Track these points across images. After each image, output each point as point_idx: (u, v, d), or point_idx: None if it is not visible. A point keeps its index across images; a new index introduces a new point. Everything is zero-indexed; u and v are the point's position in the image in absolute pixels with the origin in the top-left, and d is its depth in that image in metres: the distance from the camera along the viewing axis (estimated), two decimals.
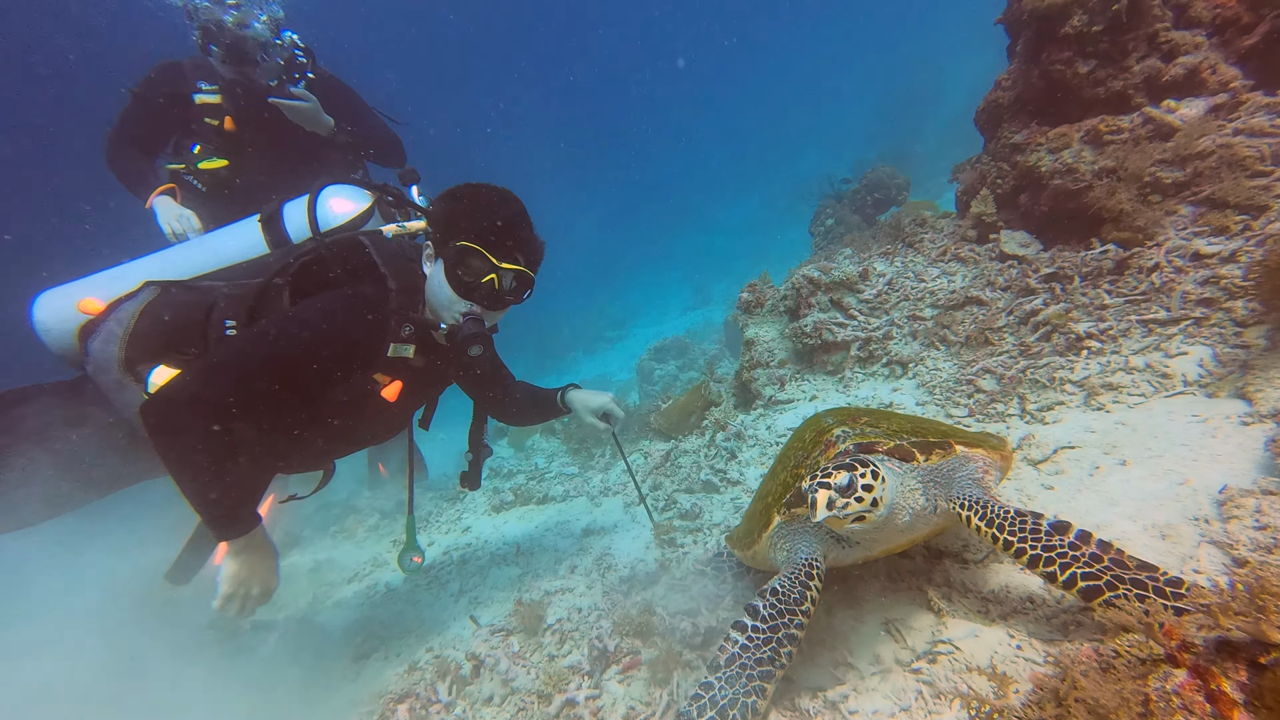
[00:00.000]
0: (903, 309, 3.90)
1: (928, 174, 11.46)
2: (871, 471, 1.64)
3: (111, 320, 2.24)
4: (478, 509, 4.60)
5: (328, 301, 2.15)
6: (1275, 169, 3.01)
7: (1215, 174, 3.11)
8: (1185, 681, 1.06)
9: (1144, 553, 1.77)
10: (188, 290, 2.32)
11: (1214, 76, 3.46)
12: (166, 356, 2.18)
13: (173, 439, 1.91)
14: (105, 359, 2.19)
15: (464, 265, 2.16)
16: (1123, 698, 1.02)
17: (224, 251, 2.45)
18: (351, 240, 2.30)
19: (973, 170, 4.36)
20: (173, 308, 2.26)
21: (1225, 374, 2.52)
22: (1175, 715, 1.03)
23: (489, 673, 2.26)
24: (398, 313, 2.21)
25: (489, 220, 2.17)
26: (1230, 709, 0.99)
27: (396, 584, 3.49)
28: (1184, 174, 3.20)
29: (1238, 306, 2.69)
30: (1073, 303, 3.17)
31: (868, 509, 1.62)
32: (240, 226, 2.51)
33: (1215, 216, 3.04)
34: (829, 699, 1.76)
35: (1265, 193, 2.96)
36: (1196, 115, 3.36)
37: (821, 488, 1.61)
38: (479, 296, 2.19)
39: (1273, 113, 3.15)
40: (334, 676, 2.61)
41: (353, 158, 4.07)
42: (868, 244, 4.91)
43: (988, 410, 3.00)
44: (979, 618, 1.86)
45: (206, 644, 3.00)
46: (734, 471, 3.54)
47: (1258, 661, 1.00)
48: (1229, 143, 3.10)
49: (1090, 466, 2.40)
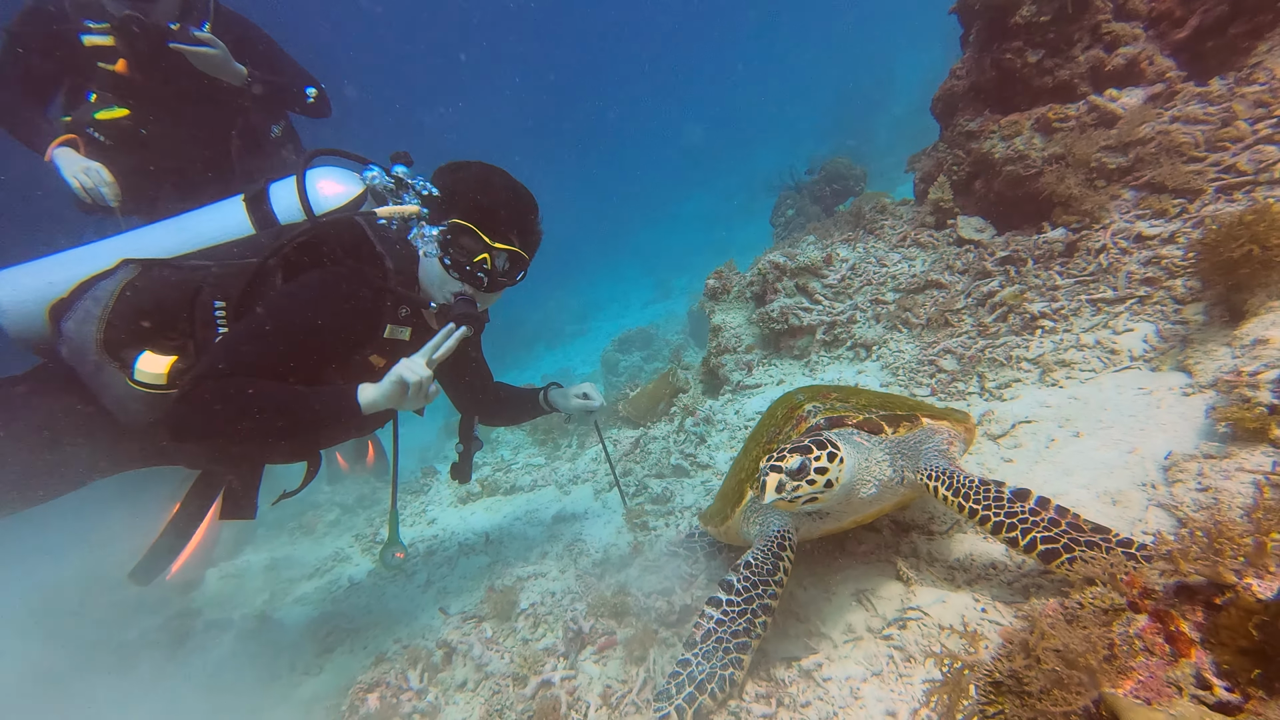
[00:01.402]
0: (866, 293, 3.98)
1: (879, 170, 11.75)
2: (829, 454, 1.66)
3: (87, 299, 2.08)
4: (443, 501, 4.51)
5: (330, 274, 2.08)
6: (1208, 155, 3.17)
7: (1155, 159, 3.26)
8: (1146, 625, 1.10)
9: (1097, 517, 1.84)
10: (172, 269, 2.18)
11: (1151, 67, 3.63)
12: (150, 340, 2.06)
13: (235, 408, 1.84)
14: (82, 340, 2.04)
15: (456, 245, 2.13)
16: (1090, 642, 1.06)
17: (205, 231, 2.31)
18: (347, 221, 2.22)
19: (930, 158, 4.47)
20: (157, 287, 2.12)
21: (1167, 349, 2.64)
22: (1138, 656, 1.07)
23: (461, 659, 2.21)
24: (394, 293, 2.17)
25: (482, 198, 2.14)
26: (1188, 647, 1.04)
27: (360, 578, 3.39)
28: (1127, 160, 3.35)
29: (1177, 285, 2.83)
30: (1027, 284, 3.28)
31: (820, 490, 1.65)
32: (222, 206, 2.37)
33: (1155, 200, 3.19)
34: (803, 668, 1.79)
35: (1200, 177, 3.12)
36: (1136, 104, 3.51)
37: (773, 471, 1.64)
38: (472, 277, 2.15)
39: (1205, 101, 3.32)
40: (296, 672, 2.52)
41: (269, 109, 3.73)
42: (830, 231, 4.99)
43: (949, 389, 3.08)
44: (946, 585, 1.92)
45: (155, 645, 2.87)
46: (704, 455, 3.55)
47: (1213, 602, 1.05)
48: (1167, 129, 3.26)
49: (1046, 439, 2.49)
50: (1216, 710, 0.96)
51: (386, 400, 1.93)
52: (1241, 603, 0.99)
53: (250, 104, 3.58)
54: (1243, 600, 1.00)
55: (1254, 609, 0.97)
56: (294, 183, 2.26)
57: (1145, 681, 1.04)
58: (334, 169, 2.38)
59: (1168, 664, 1.04)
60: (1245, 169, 3.01)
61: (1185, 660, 1.03)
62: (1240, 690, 0.96)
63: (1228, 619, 1.01)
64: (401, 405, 1.97)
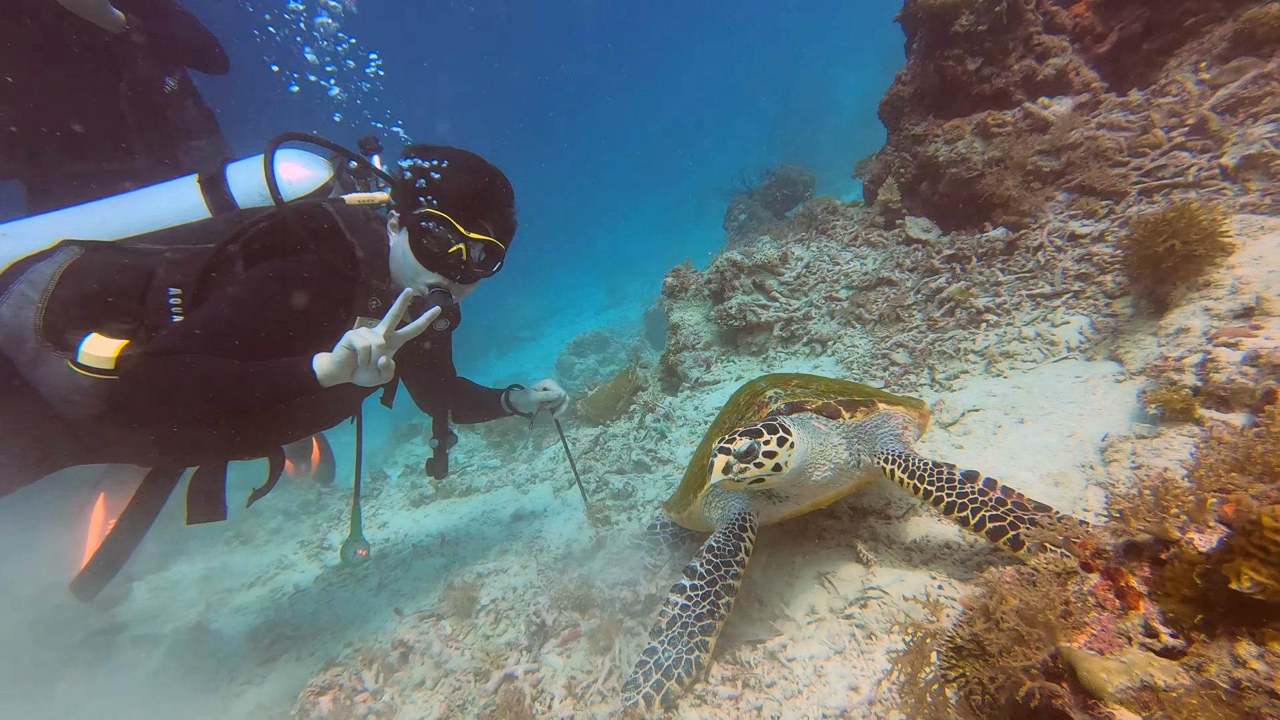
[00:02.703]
0: (820, 290, 4.07)
1: (824, 179, 12.11)
2: (779, 439, 1.70)
3: (22, 282, 1.89)
4: (394, 505, 4.36)
5: (297, 263, 1.96)
6: (1131, 160, 3.40)
7: (1084, 163, 3.47)
8: (1098, 583, 1.15)
9: (1042, 498, 1.94)
10: (121, 253, 2.01)
11: (1078, 78, 3.87)
12: (97, 324, 1.88)
13: (185, 385, 1.71)
14: (19, 326, 1.85)
15: (429, 235, 2.04)
16: (1049, 599, 1.10)
17: (155, 213, 2.14)
18: (315, 207, 2.09)
19: (878, 161, 4.63)
20: (104, 271, 1.95)
21: (1100, 339, 2.80)
22: (1090, 612, 1.12)
23: (420, 657, 2.13)
24: (365, 284, 2.06)
25: (456, 186, 2.06)
26: (1136, 600, 1.09)
27: (306, 584, 3.23)
28: (1059, 163, 3.55)
29: (1108, 280, 3.01)
30: (972, 280, 3.43)
31: (769, 473, 1.68)
32: (174, 186, 2.20)
33: (1086, 201, 3.39)
34: (768, 649, 1.80)
35: (1124, 180, 3.33)
36: (1066, 111, 3.74)
37: (721, 453, 1.68)
38: (446, 268, 2.07)
39: (1126, 109, 3.56)
40: (237, 682, 2.37)
41: (159, 61, 3.40)
42: (784, 232, 5.09)
43: (902, 381, 3.18)
44: (904, 565, 1.97)
45: (74, 663, 2.65)
46: (664, 451, 3.55)
47: (1158, 558, 1.11)
48: (1095, 135, 3.47)
49: (993, 426, 2.60)
50: (1163, 655, 1.01)
51: (339, 369, 1.81)
52: (1185, 556, 1.05)
53: (137, 54, 3.26)
54: (1185, 554, 1.05)
55: (1196, 560, 1.03)
56: (255, 165, 2.14)
57: (1098, 634, 1.09)
58: (299, 152, 2.24)
59: (1118, 617, 1.09)
60: (1164, 173, 3.24)
61: (1134, 612, 1.08)
62: (1184, 635, 1.01)
63: (1172, 571, 1.06)
64: (357, 379, 1.85)
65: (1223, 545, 0.97)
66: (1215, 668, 0.92)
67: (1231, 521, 1.02)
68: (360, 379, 1.84)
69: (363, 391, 2.33)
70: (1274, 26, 3.25)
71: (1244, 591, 0.88)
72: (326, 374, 1.80)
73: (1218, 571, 0.96)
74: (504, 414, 2.85)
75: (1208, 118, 3.21)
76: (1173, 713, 0.91)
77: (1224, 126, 3.17)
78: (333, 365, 1.80)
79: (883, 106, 4.56)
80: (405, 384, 2.73)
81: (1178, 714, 0.90)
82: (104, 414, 1.84)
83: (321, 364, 1.81)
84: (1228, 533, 1.01)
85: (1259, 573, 0.87)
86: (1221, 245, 2.43)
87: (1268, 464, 1.07)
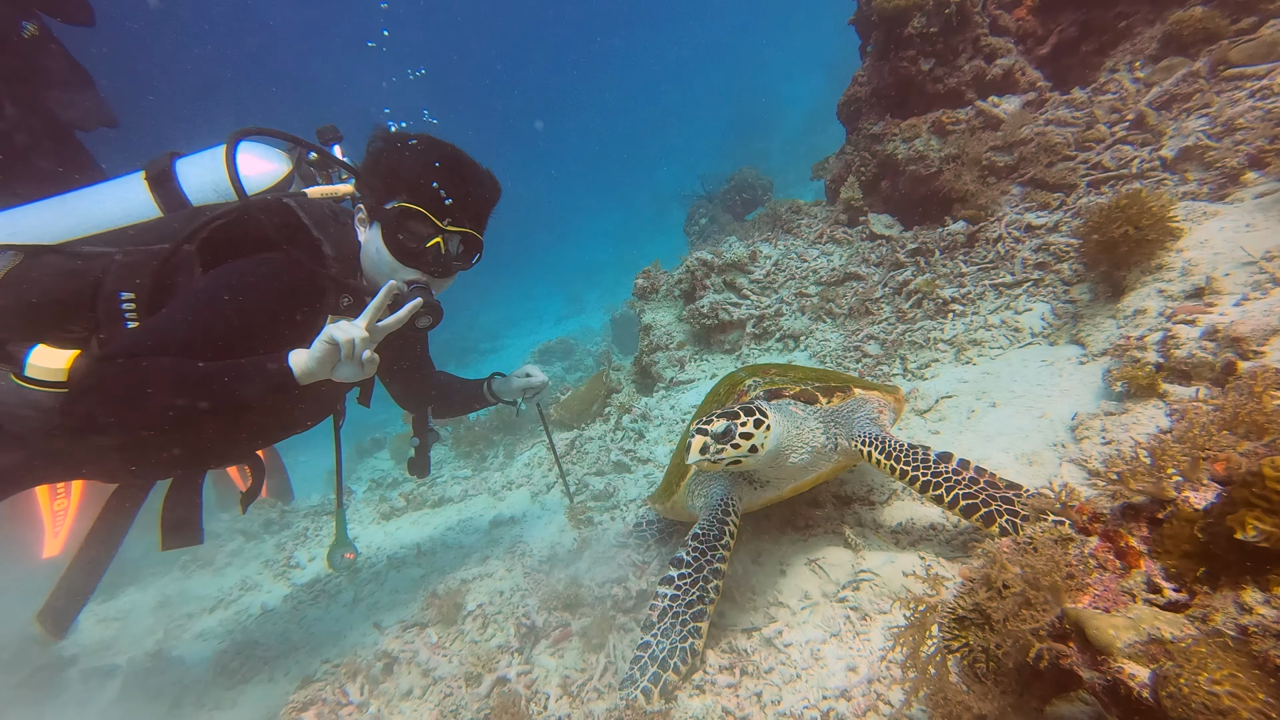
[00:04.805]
0: (790, 287, 4.13)
1: (780, 184, 12.36)
2: (755, 421, 1.71)
3: None
4: (363, 519, 4.20)
5: (261, 261, 1.84)
6: (1078, 154, 3.56)
7: (1035, 158, 3.62)
8: (1098, 545, 1.18)
9: (1018, 477, 1.98)
10: (65, 257, 1.87)
11: (1024, 78, 4.05)
12: (44, 335, 1.74)
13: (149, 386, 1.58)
14: None
15: (404, 229, 1.93)
16: (1053, 562, 1.12)
17: (100, 213, 1.99)
18: (276, 202, 1.97)
19: (839, 160, 4.74)
20: (48, 277, 1.81)
21: (1061, 325, 2.92)
22: (1092, 574, 1.14)
23: (406, 667, 2.04)
24: (336, 281, 1.95)
25: (427, 177, 1.95)
26: (1137, 559, 1.12)
27: (274, 604, 3.07)
28: (1012, 158, 3.70)
29: (1065, 269, 3.14)
30: (937, 273, 3.53)
31: (745, 454, 1.69)
32: (120, 184, 2.06)
33: (1039, 194, 3.54)
34: (764, 636, 1.80)
35: (1073, 173, 3.49)
36: (1016, 109, 3.90)
37: (699, 434, 1.68)
38: (424, 263, 1.97)
39: (1070, 107, 3.74)
40: (205, 709, 2.23)
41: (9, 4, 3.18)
42: (749, 233, 5.15)
43: (875, 372, 3.24)
44: (892, 547, 1.99)
45: (18, 703, 2.45)
46: (644, 450, 3.53)
47: (1156, 518, 1.14)
48: (1043, 131, 3.63)
49: (967, 411, 2.67)
50: (1167, 609, 1.03)
51: (319, 364, 1.71)
52: (1182, 513, 1.08)
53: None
54: (1183, 511, 1.08)
55: (1194, 517, 1.06)
56: (206, 159, 2.02)
57: (1101, 594, 1.11)
58: (256, 144, 2.13)
59: (1120, 576, 1.12)
60: (1109, 165, 3.40)
61: (1136, 570, 1.10)
62: (1186, 589, 1.04)
63: (1171, 529, 1.09)
64: (338, 374, 1.75)
65: (1222, 499, 1.01)
66: (1221, 616, 0.95)
67: (1226, 478, 1.06)
68: (342, 374, 1.75)
69: (341, 390, 2.23)
70: (1197, 28, 3.47)
71: (1249, 541, 0.91)
72: (306, 370, 1.70)
73: (1219, 525, 0.99)
74: (488, 403, 2.77)
75: (1145, 113, 3.40)
76: (1182, 662, 0.93)
77: (1161, 121, 3.36)
78: (312, 361, 1.70)
79: (840, 107, 4.67)
80: (384, 383, 2.63)
81: (1187, 663, 0.92)
82: (60, 426, 1.70)
83: (300, 360, 1.71)
84: (1222, 489, 1.04)
85: (1263, 521, 0.90)
86: (1170, 230, 2.55)
87: (1254, 422, 1.11)
